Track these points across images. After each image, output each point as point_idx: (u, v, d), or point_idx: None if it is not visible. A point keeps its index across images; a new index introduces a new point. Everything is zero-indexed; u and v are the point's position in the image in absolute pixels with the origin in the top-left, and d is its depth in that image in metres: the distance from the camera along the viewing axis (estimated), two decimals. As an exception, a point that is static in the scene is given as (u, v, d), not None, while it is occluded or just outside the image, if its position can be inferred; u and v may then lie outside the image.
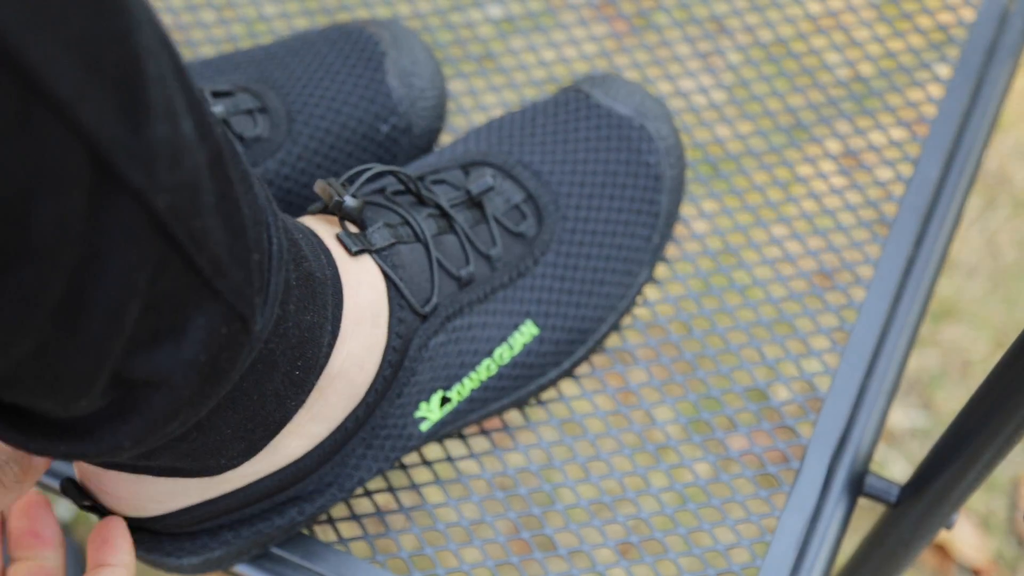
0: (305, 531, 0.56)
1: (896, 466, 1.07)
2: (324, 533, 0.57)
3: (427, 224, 0.53)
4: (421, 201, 0.54)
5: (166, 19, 0.73)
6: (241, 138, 0.58)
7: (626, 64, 0.71)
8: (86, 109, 0.30)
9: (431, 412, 0.54)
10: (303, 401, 0.47)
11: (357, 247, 0.50)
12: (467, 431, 0.60)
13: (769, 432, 0.60)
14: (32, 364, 0.34)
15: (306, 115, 0.59)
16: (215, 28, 0.73)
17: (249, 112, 0.59)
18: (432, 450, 0.59)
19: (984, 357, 1.13)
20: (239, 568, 0.55)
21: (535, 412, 0.60)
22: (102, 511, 0.50)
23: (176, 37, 0.73)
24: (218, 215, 0.37)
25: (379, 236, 0.51)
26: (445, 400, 0.54)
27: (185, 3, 0.74)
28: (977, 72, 0.69)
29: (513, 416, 0.60)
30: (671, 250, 0.64)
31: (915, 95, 0.69)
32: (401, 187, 0.55)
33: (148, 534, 0.51)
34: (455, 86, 0.70)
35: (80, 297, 0.33)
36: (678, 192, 0.61)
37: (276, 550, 0.55)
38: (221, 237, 0.37)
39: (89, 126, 0.30)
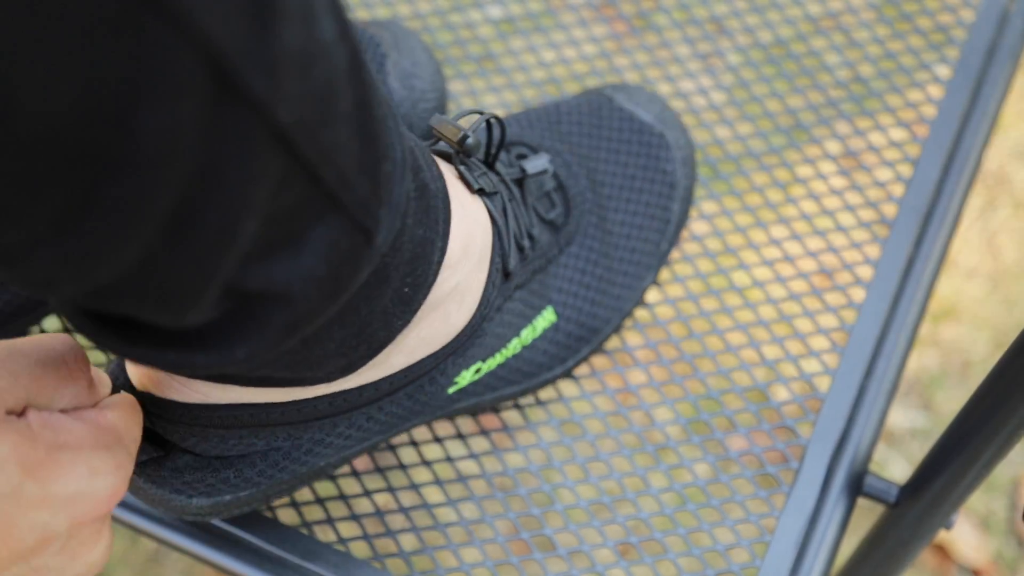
0: (305, 531, 0.56)
1: (896, 466, 1.07)
2: (324, 533, 0.57)
3: (501, 188, 0.53)
4: (490, 167, 0.53)
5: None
6: None
7: (626, 65, 0.71)
8: (204, 13, 0.27)
9: (463, 379, 0.53)
10: (408, 320, 0.46)
11: (478, 184, 0.49)
12: (467, 431, 0.60)
13: (768, 432, 0.60)
14: (139, 274, 0.32)
15: None
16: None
17: None
18: (432, 450, 0.60)
19: (984, 357, 1.13)
20: (239, 568, 0.55)
21: (535, 412, 0.60)
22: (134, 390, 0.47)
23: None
24: (351, 124, 0.34)
25: (486, 181, 0.50)
26: (477, 371, 0.54)
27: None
28: (977, 73, 0.69)
29: (513, 416, 0.60)
30: (667, 260, 0.64)
31: (915, 96, 0.69)
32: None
33: (159, 467, 0.49)
34: (455, 86, 0.70)
35: (191, 209, 0.31)
36: (688, 202, 0.62)
37: (276, 550, 0.55)
38: (352, 147, 0.35)
39: (207, 32, 0.27)
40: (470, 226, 0.49)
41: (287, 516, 0.57)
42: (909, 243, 0.64)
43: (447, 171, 0.50)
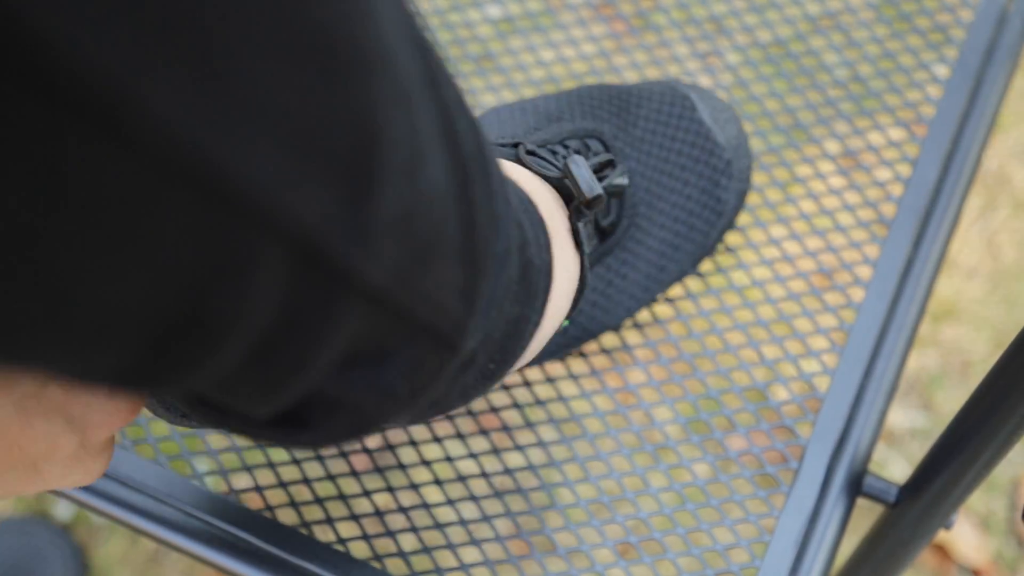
0: (304, 531, 0.56)
1: (895, 466, 1.07)
2: (324, 533, 0.57)
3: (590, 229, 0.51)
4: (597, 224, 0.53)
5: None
6: None
7: (624, 64, 0.71)
8: (292, 201, 0.24)
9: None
10: (488, 390, 0.43)
11: (589, 248, 0.48)
12: (466, 431, 0.60)
13: (768, 432, 0.60)
14: (218, 388, 0.30)
15: None
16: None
17: None
18: (431, 450, 0.60)
19: (984, 357, 1.13)
20: (238, 568, 0.55)
21: (534, 412, 0.60)
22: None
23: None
24: (456, 257, 0.31)
25: (586, 237, 0.49)
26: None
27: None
28: (975, 72, 0.69)
29: (512, 416, 0.60)
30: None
31: (913, 95, 0.69)
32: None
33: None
34: (454, 87, 0.70)
35: (268, 349, 0.28)
36: (725, 231, 0.61)
37: (276, 550, 0.55)
38: (455, 279, 0.32)
39: (291, 219, 0.24)
40: (563, 284, 0.46)
41: (286, 516, 0.57)
42: (908, 243, 0.64)
43: (560, 217, 0.46)
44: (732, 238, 0.65)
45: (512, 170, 0.47)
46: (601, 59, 0.71)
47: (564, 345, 0.58)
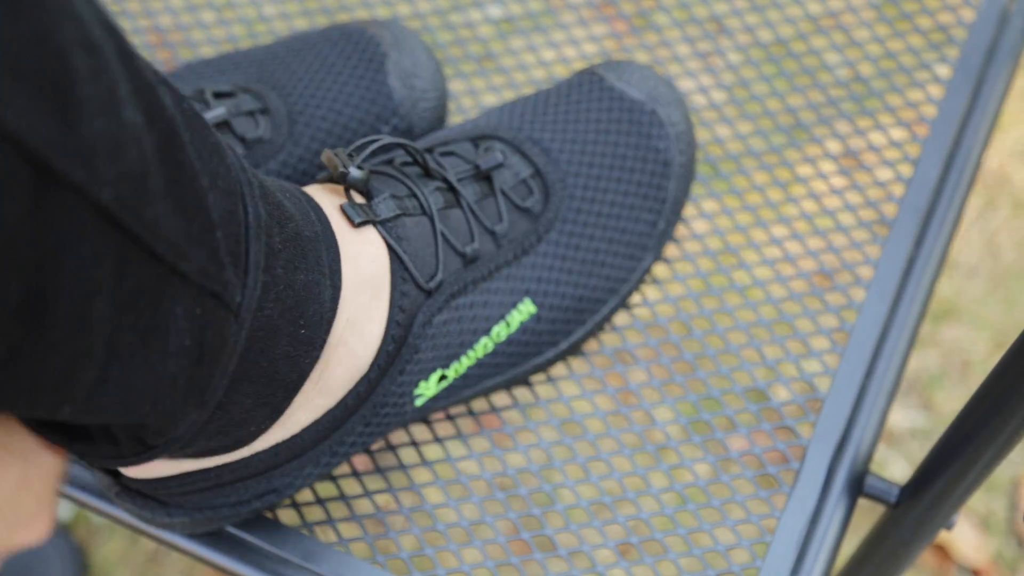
0: (305, 531, 0.56)
1: (896, 466, 1.07)
2: (324, 534, 0.57)
3: (434, 197, 0.53)
4: (428, 174, 0.54)
5: (166, 19, 0.73)
6: (243, 140, 0.58)
7: (626, 64, 0.71)
8: (10, 112, 0.30)
9: (428, 389, 0.54)
10: (317, 356, 0.47)
11: (360, 218, 0.50)
12: (467, 431, 0.60)
13: (769, 433, 0.59)
14: (9, 369, 0.34)
15: (307, 116, 0.59)
16: (215, 28, 0.73)
17: (251, 114, 0.59)
18: (432, 450, 0.59)
19: (984, 357, 1.13)
20: (238, 568, 0.55)
21: (535, 412, 0.60)
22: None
23: (176, 37, 0.73)
24: (169, 199, 0.36)
25: (384, 207, 0.51)
26: (442, 378, 0.54)
27: (185, 3, 0.74)
28: (977, 72, 0.69)
29: (513, 416, 0.60)
30: (671, 250, 0.64)
31: (915, 95, 0.69)
32: (409, 159, 0.55)
33: (138, 495, 0.51)
34: (455, 86, 0.70)
35: (41, 297, 0.33)
36: (687, 179, 0.61)
37: (276, 550, 0.55)
38: (175, 221, 0.37)
39: (16, 129, 0.30)
40: (357, 263, 0.50)
41: (288, 517, 0.57)
42: (909, 243, 0.64)
43: (332, 205, 0.51)
44: (734, 238, 0.64)
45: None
46: (602, 59, 0.71)
47: (554, 332, 0.58)
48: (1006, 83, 0.69)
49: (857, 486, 0.58)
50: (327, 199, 0.51)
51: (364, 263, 0.50)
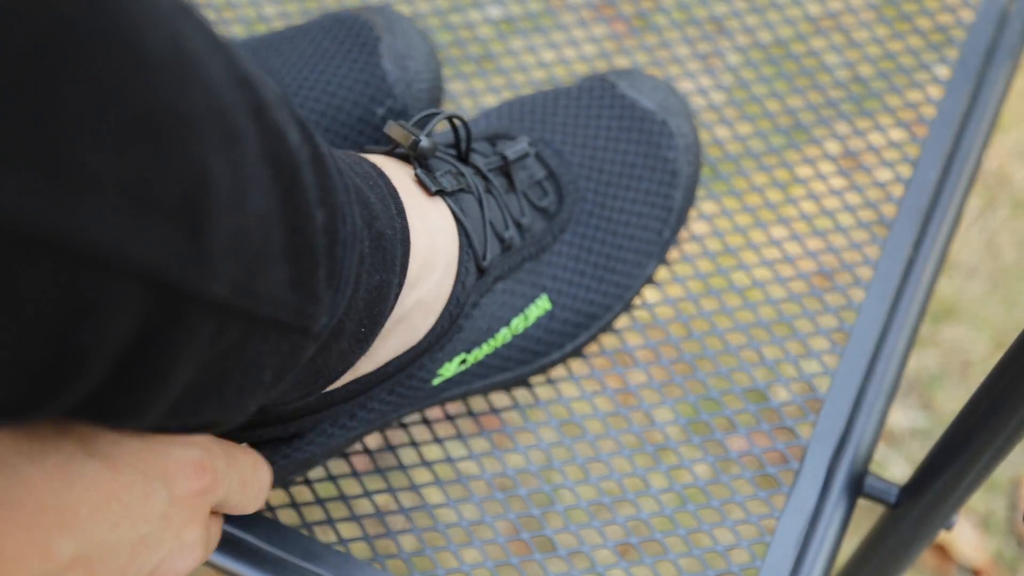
0: (305, 531, 0.56)
1: (896, 466, 1.07)
2: (324, 534, 0.57)
3: (475, 181, 0.53)
4: (464, 161, 0.54)
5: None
6: None
7: (625, 65, 0.71)
8: (136, 249, 0.30)
9: (448, 370, 0.54)
10: (365, 351, 0.47)
11: (436, 187, 0.50)
12: (467, 431, 0.60)
13: (768, 433, 0.60)
14: (90, 407, 0.34)
15: (301, 99, 0.60)
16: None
17: None
18: (432, 450, 0.60)
19: (984, 357, 1.13)
20: (239, 568, 0.55)
21: (535, 413, 0.60)
22: None
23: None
24: (284, 258, 0.36)
25: (447, 181, 0.51)
26: (463, 362, 0.54)
27: (185, 4, 0.74)
28: (976, 73, 0.69)
29: (513, 417, 0.60)
30: (670, 252, 0.64)
31: (914, 96, 0.69)
32: (449, 145, 0.55)
33: None
34: (454, 87, 0.70)
35: (132, 369, 0.33)
36: (692, 189, 0.61)
37: (276, 551, 0.55)
38: (282, 276, 0.36)
39: (140, 262, 0.30)
40: (433, 237, 0.49)
41: (287, 517, 0.57)
42: (909, 244, 0.64)
43: (406, 175, 0.50)
44: (733, 239, 0.65)
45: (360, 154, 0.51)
46: (602, 60, 0.71)
47: (563, 333, 0.58)
48: (1005, 83, 0.69)
49: (857, 486, 0.58)
50: (398, 174, 0.50)
51: (440, 239, 0.50)
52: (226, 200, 0.32)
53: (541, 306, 0.57)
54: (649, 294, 0.63)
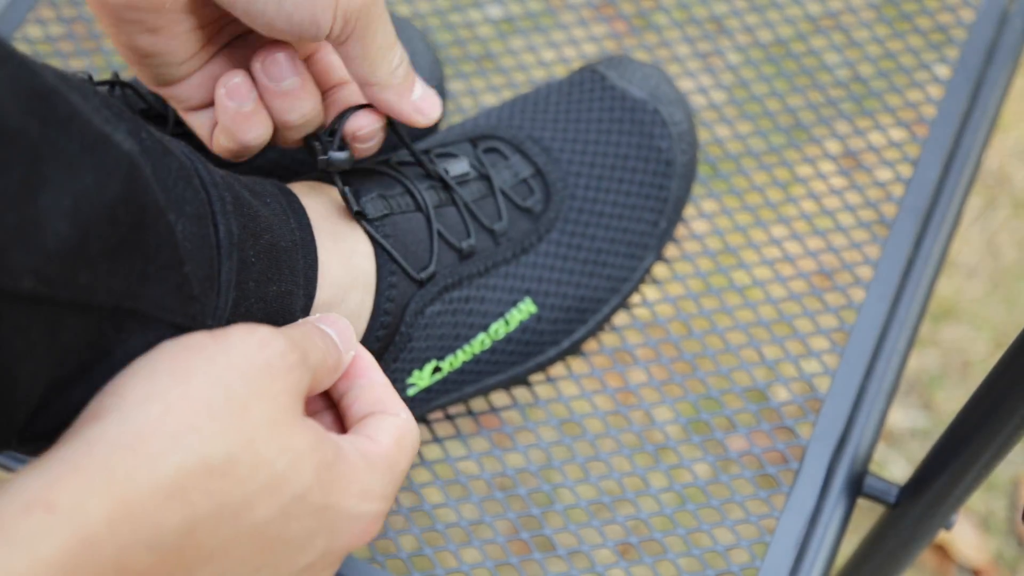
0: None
1: (896, 466, 1.07)
2: (323, 533, 0.57)
3: (429, 195, 0.54)
4: (427, 173, 0.55)
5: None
6: None
7: (626, 64, 0.71)
8: None
9: (421, 379, 0.54)
10: None
11: (356, 207, 0.50)
12: (467, 431, 0.60)
13: (768, 433, 0.60)
14: None
15: None
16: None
17: None
18: (431, 450, 0.60)
19: (984, 357, 1.13)
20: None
21: (534, 412, 0.60)
22: None
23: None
24: (120, 251, 0.36)
25: (372, 207, 0.51)
26: (436, 370, 0.55)
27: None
28: (976, 73, 0.69)
29: (512, 416, 0.60)
30: (670, 250, 0.64)
31: (914, 96, 0.69)
32: (408, 159, 0.55)
33: None
34: (454, 86, 0.70)
35: None
36: (689, 178, 0.61)
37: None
38: (126, 268, 0.36)
39: None
40: (347, 257, 0.50)
41: (286, 516, 0.57)
42: (909, 243, 0.64)
43: (328, 198, 0.50)
44: (733, 238, 0.64)
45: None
46: (602, 59, 0.71)
47: (556, 332, 0.58)
48: (1006, 83, 0.69)
49: (856, 486, 0.58)
50: (315, 199, 0.50)
51: (358, 260, 0.50)
52: (8, 192, 0.32)
53: (524, 310, 0.56)
54: (649, 292, 0.62)
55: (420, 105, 0.50)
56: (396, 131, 0.52)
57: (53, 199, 0.33)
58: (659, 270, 0.63)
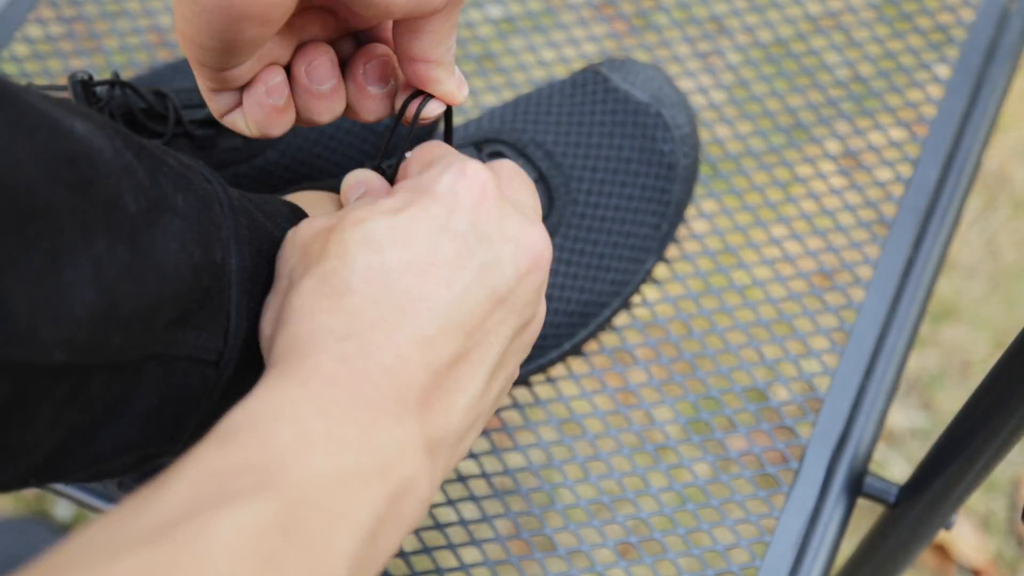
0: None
1: (896, 466, 1.07)
2: (323, 533, 0.57)
3: None
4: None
5: (166, 19, 0.73)
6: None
7: (626, 64, 0.71)
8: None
9: None
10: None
11: None
12: (466, 431, 0.60)
13: (768, 432, 0.60)
14: None
15: None
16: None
17: None
18: (431, 450, 0.59)
19: (984, 357, 1.13)
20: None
21: (534, 412, 0.60)
22: None
23: (176, 37, 0.72)
24: (133, 320, 0.36)
25: None
26: None
27: (185, 3, 0.73)
28: (976, 72, 0.69)
29: (512, 416, 0.60)
30: (671, 250, 0.64)
31: (914, 95, 0.69)
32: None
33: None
34: (455, 86, 0.70)
35: None
36: (691, 181, 0.61)
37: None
38: (139, 326, 0.37)
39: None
40: None
41: (286, 516, 0.57)
42: (909, 243, 0.64)
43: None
44: (733, 238, 0.64)
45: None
46: (602, 59, 0.71)
47: (558, 335, 0.58)
48: (1005, 83, 0.69)
49: (856, 486, 0.58)
50: (322, 212, 0.50)
51: None
52: (36, 275, 0.32)
53: None
54: (649, 292, 0.62)
55: (461, 82, 0.50)
56: (448, 119, 0.53)
57: (74, 267, 0.34)
58: (659, 270, 0.63)
